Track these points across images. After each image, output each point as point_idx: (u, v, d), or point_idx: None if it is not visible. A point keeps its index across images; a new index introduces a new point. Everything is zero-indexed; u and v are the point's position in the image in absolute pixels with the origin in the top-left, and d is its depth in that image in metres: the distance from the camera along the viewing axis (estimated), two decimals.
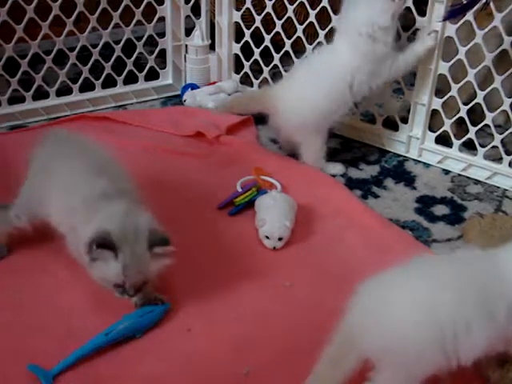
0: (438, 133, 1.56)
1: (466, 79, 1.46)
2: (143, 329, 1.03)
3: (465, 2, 1.37)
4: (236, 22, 1.78)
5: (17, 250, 1.21)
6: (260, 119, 1.71)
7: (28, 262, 1.18)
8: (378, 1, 1.40)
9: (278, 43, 1.73)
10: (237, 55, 1.83)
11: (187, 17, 1.82)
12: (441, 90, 1.54)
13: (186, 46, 1.86)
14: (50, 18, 1.62)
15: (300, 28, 1.64)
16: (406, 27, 1.51)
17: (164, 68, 1.88)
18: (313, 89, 1.45)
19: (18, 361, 0.97)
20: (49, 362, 0.96)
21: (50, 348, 1.00)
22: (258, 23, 1.72)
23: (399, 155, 1.62)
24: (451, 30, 1.43)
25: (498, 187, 1.50)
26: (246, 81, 1.85)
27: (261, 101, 1.55)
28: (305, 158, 1.52)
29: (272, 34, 1.71)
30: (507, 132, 1.47)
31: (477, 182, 1.52)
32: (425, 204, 1.44)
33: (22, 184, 1.17)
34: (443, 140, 1.58)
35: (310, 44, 1.65)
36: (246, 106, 1.57)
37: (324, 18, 1.62)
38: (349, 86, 1.44)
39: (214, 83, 1.85)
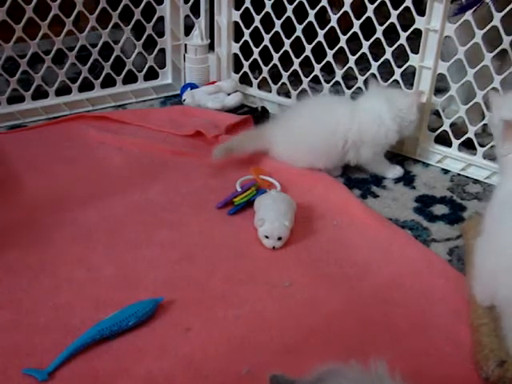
0: (438, 132, 1.56)
1: (465, 78, 1.47)
2: (135, 314, 1.03)
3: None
4: (235, 22, 1.78)
5: (16, 250, 1.20)
6: (259, 119, 1.72)
7: (27, 261, 1.18)
8: (403, 95, 1.48)
9: (277, 43, 1.73)
10: (236, 55, 1.83)
11: (186, 16, 1.83)
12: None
13: (186, 45, 1.86)
14: (50, 17, 1.62)
15: (299, 28, 1.64)
16: (405, 26, 1.51)
17: (163, 68, 1.88)
18: (312, 131, 1.46)
19: (16, 360, 0.97)
20: (47, 362, 0.96)
21: (48, 347, 0.99)
22: (257, 23, 1.72)
23: (398, 155, 1.62)
24: (450, 29, 1.43)
25: None
26: (245, 80, 1.85)
27: (260, 140, 1.52)
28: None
29: (271, 33, 1.71)
30: None
31: (476, 181, 1.52)
32: (424, 203, 1.44)
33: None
34: (442, 139, 1.58)
35: (309, 44, 1.65)
36: (246, 146, 1.51)
37: (324, 18, 1.62)
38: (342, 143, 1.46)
39: (214, 83, 1.85)
